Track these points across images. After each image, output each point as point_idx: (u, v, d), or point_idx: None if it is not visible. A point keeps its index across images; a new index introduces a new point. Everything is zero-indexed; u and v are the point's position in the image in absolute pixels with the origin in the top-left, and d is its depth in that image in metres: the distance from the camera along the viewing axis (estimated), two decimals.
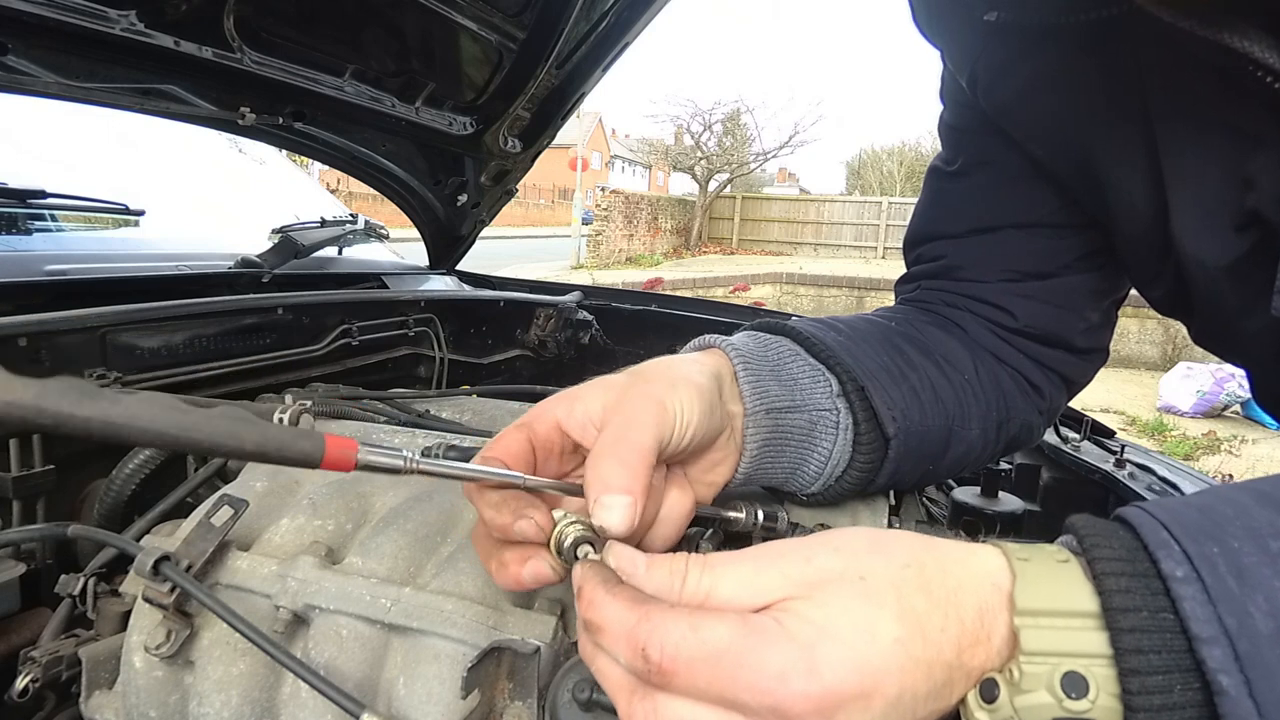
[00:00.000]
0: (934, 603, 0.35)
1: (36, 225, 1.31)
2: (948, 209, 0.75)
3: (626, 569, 0.39)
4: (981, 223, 0.71)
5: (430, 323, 1.62)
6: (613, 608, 0.36)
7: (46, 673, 0.58)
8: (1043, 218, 0.69)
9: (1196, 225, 0.54)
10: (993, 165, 0.70)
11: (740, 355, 0.57)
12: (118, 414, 0.30)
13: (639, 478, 0.42)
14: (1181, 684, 0.31)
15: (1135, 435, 6.08)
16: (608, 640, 0.36)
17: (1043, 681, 0.33)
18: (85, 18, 0.99)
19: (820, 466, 0.60)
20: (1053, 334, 0.71)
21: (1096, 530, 0.35)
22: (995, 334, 0.71)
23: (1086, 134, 0.60)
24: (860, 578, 0.35)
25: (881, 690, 0.33)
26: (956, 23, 0.67)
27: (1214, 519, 0.33)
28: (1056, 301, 0.70)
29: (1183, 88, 0.52)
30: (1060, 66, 0.60)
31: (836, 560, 0.36)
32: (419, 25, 1.34)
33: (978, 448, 0.69)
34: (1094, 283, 0.71)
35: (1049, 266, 0.69)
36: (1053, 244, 0.69)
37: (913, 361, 0.65)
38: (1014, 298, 0.70)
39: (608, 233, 15.66)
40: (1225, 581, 0.31)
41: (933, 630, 0.34)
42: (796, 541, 0.38)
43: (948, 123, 0.76)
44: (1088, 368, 0.76)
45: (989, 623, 0.35)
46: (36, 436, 0.81)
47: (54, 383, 0.29)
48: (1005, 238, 0.70)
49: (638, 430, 0.44)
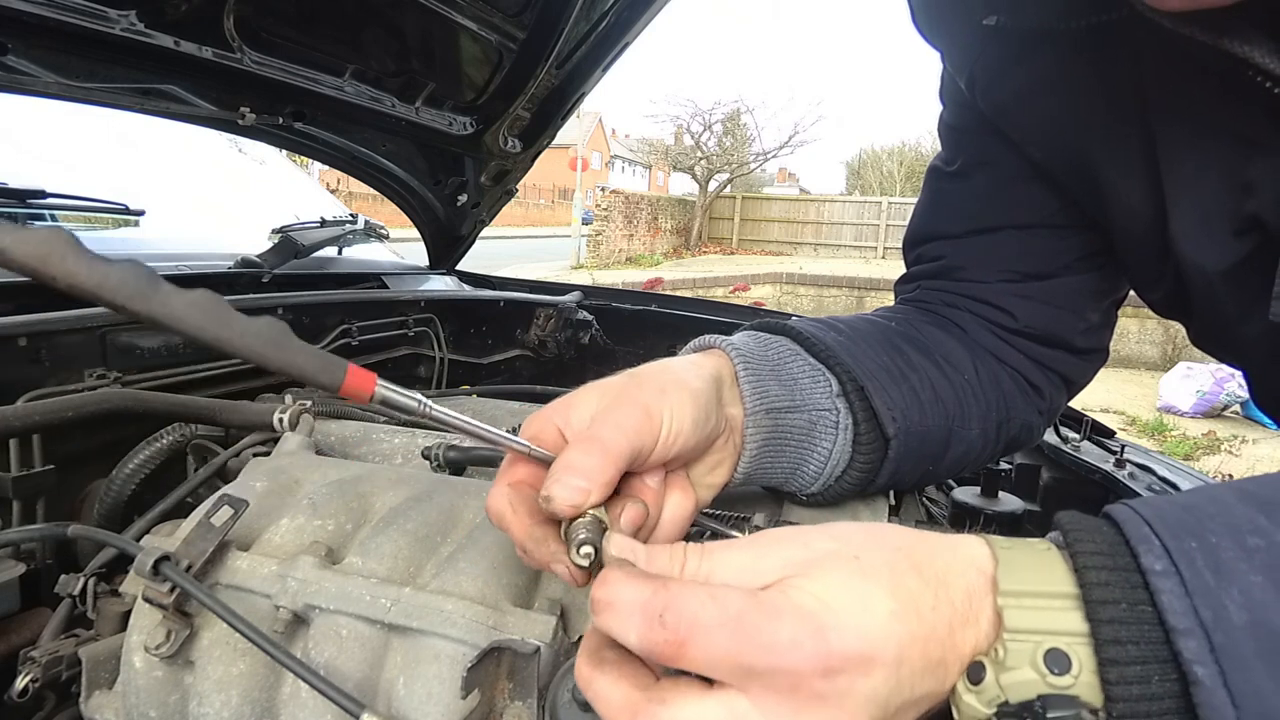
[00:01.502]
0: (925, 582, 0.36)
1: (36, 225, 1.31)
2: (947, 209, 0.75)
3: (626, 556, 0.39)
4: (981, 223, 0.71)
5: (430, 323, 1.62)
6: (628, 584, 0.36)
7: (46, 673, 0.58)
8: (1042, 219, 0.69)
9: (1195, 229, 0.54)
10: (992, 166, 0.70)
11: (741, 355, 0.57)
12: (167, 312, 0.33)
13: (601, 472, 0.43)
14: (1159, 674, 0.32)
15: (1135, 435, 6.08)
16: (622, 615, 0.35)
17: (1026, 658, 0.34)
18: (85, 18, 0.99)
19: (820, 466, 0.60)
20: (1052, 334, 0.71)
21: (1080, 525, 0.36)
22: (995, 334, 0.71)
23: (1085, 137, 0.60)
24: (855, 557, 0.36)
25: (881, 658, 0.33)
26: (956, 25, 0.67)
27: (1196, 516, 0.34)
28: (1056, 302, 0.70)
29: (1182, 92, 0.52)
30: (1059, 70, 0.60)
31: (832, 543, 0.37)
32: (419, 25, 1.34)
33: (977, 447, 0.69)
34: (1093, 283, 0.71)
35: (1048, 267, 0.69)
36: (1052, 245, 0.69)
37: (912, 362, 0.65)
38: (1013, 298, 0.70)
39: (608, 233, 15.66)
40: (1202, 575, 0.32)
41: (925, 608, 0.35)
42: (793, 530, 0.39)
43: (947, 123, 0.76)
44: (1087, 368, 0.76)
45: (976, 605, 0.36)
46: (36, 436, 0.81)
47: (118, 270, 0.32)
48: (1005, 238, 0.70)
49: (613, 431, 0.45)
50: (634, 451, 0.45)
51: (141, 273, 0.33)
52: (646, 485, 0.48)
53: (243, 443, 0.84)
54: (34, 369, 0.88)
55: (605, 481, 0.43)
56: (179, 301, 0.33)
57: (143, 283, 0.33)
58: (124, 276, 0.32)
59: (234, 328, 0.34)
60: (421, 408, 0.40)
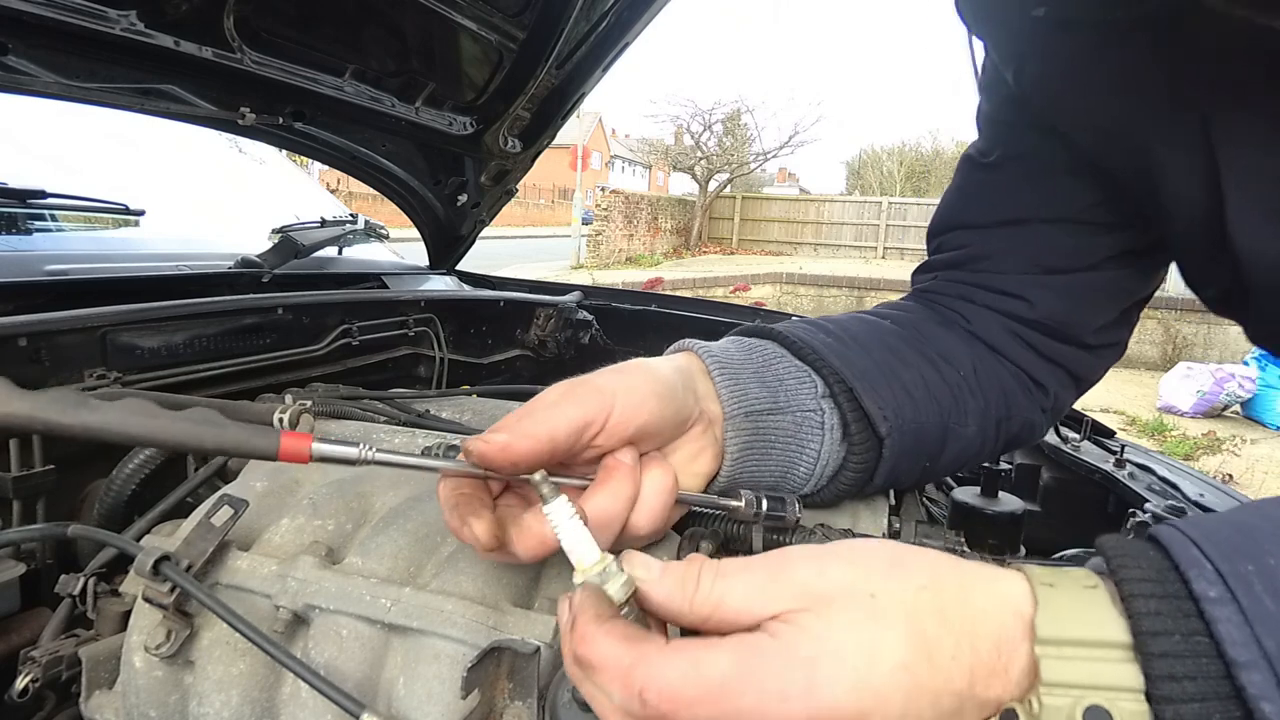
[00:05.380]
0: (947, 628, 0.33)
1: (36, 225, 1.31)
2: (977, 199, 0.74)
3: (640, 574, 0.38)
4: (1011, 215, 0.70)
5: (430, 323, 1.62)
6: (607, 645, 0.35)
7: (46, 673, 0.58)
8: (1076, 214, 0.67)
9: (1254, 220, 0.52)
10: (1030, 158, 0.69)
11: (713, 357, 0.58)
12: (97, 421, 0.38)
13: (528, 436, 0.45)
14: (1220, 712, 0.29)
15: (1135, 435, 6.08)
16: (603, 679, 0.35)
17: (1064, 714, 0.31)
18: (85, 18, 0.99)
19: (810, 468, 0.60)
20: (1067, 327, 0.69)
21: (1125, 550, 0.34)
22: (1005, 327, 0.70)
23: (1139, 125, 0.58)
24: (871, 595, 0.34)
25: (881, 712, 0.32)
26: (1004, 15, 0.65)
27: (1249, 535, 0.32)
28: (1076, 295, 0.68)
29: (1239, 78, 0.51)
30: (1111, 59, 0.58)
31: (850, 574, 0.35)
32: (419, 25, 1.34)
33: (975, 445, 0.68)
34: (1118, 282, 0.69)
35: (1075, 263, 0.68)
36: (1082, 241, 0.68)
37: (906, 359, 0.64)
38: (1033, 288, 0.68)
39: (608, 233, 15.66)
40: (1262, 602, 0.29)
41: (942, 656, 0.33)
42: (812, 551, 0.37)
43: (986, 114, 0.74)
44: (1098, 365, 0.74)
45: (1007, 653, 0.33)
46: (36, 436, 0.81)
47: (45, 395, 0.37)
48: (1034, 231, 0.69)
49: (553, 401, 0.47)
50: (578, 421, 0.46)
51: (68, 394, 0.38)
52: (621, 461, 0.49)
53: None
54: (34, 369, 0.88)
55: (530, 444, 0.44)
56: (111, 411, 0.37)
57: (69, 402, 0.37)
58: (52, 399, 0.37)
59: (162, 420, 0.38)
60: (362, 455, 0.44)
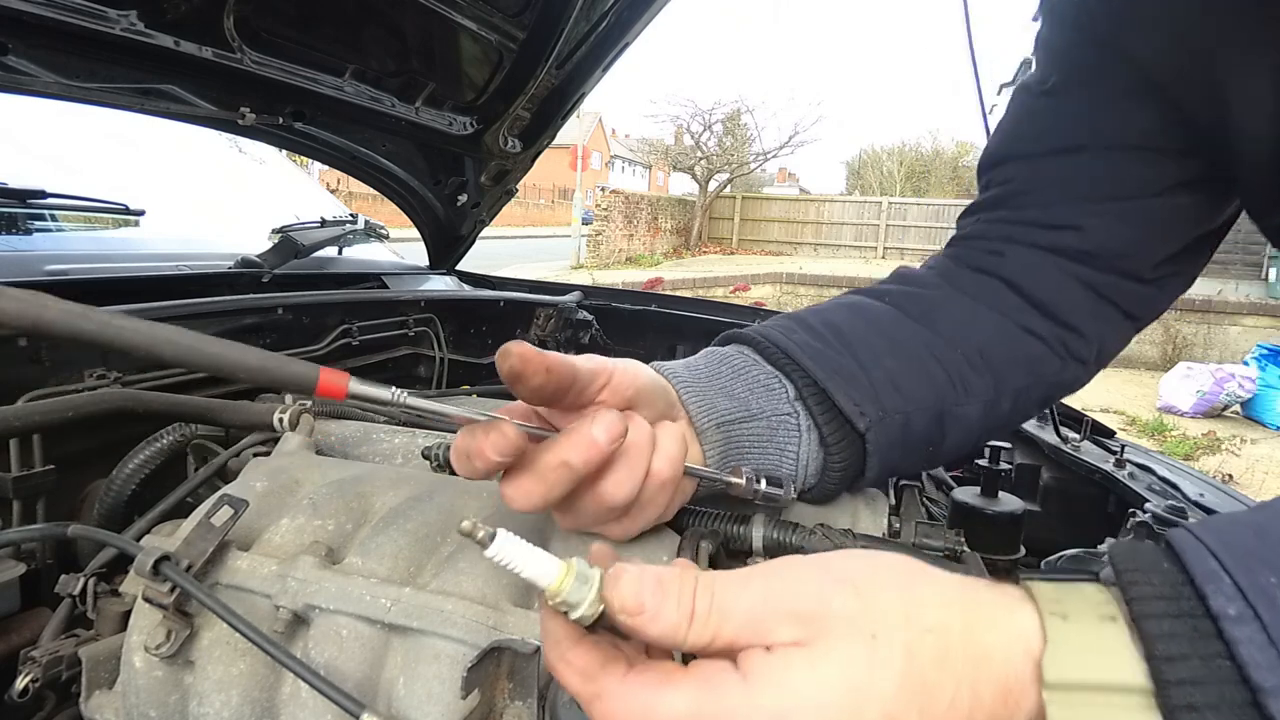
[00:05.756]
0: (948, 673, 0.31)
1: (36, 225, 1.31)
2: (1030, 128, 0.71)
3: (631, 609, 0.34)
4: (1066, 142, 0.67)
5: (430, 323, 1.62)
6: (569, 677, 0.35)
7: (46, 673, 0.58)
8: (1138, 140, 0.64)
9: None
10: (1091, 84, 0.66)
11: (675, 376, 0.58)
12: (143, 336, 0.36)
13: (540, 356, 0.44)
14: None
15: (1135, 435, 6.08)
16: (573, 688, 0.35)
17: None
18: (85, 18, 0.99)
19: (793, 469, 0.60)
20: (1121, 258, 0.65)
21: (1136, 564, 0.31)
22: (1050, 265, 0.66)
23: (1210, 48, 0.55)
24: (872, 635, 0.32)
25: None
26: None
27: (1270, 542, 0.29)
28: (1133, 223, 0.65)
29: None
30: None
31: (854, 605, 0.33)
32: (419, 25, 1.34)
33: (979, 426, 0.66)
34: (1182, 211, 0.65)
35: (1131, 191, 0.64)
36: (1139, 169, 0.64)
37: (896, 343, 0.63)
38: (1086, 216, 0.65)
39: (608, 233, 15.65)
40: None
41: (937, 705, 0.31)
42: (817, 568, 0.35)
43: (1045, 40, 0.71)
44: (1158, 300, 0.70)
45: (1014, 700, 0.31)
46: (36, 436, 0.81)
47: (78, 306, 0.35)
48: (1090, 159, 0.66)
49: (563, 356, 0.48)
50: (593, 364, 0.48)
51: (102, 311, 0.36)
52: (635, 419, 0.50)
53: (243, 443, 0.84)
54: (34, 369, 0.88)
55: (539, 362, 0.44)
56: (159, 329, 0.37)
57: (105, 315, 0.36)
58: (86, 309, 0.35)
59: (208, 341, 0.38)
60: (395, 398, 0.43)
